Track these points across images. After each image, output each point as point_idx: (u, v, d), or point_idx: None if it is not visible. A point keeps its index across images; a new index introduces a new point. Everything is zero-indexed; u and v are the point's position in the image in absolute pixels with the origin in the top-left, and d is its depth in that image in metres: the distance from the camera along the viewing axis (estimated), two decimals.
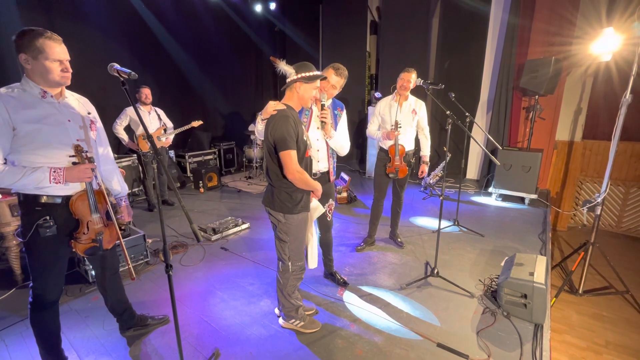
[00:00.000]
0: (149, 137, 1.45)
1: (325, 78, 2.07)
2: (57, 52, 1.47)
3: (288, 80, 1.88)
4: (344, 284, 2.71)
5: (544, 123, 4.86)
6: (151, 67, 5.28)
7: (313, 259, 2.18)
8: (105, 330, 2.18)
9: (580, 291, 3.34)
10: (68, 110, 1.62)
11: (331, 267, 2.77)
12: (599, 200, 3.17)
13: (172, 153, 5.91)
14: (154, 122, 4.19)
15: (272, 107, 1.85)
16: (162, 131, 4.26)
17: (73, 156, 1.59)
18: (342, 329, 2.21)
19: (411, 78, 2.94)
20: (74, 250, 1.68)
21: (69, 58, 1.55)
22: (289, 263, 2.03)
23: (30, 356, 1.97)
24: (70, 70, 1.58)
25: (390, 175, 3.12)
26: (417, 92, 6.33)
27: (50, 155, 1.54)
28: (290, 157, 1.77)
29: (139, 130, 4.15)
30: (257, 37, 7.18)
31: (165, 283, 2.75)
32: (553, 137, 5.04)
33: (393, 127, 2.93)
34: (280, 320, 2.24)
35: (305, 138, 1.90)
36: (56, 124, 1.55)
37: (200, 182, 5.42)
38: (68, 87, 1.69)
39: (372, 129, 3.19)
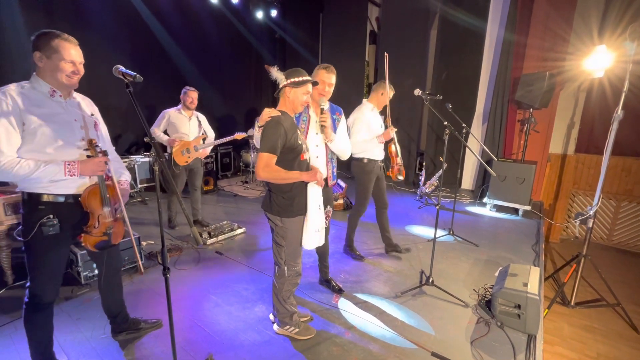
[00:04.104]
0: (151, 139, 1.45)
1: (316, 83, 2.07)
2: (71, 53, 1.53)
3: (279, 87, 1.92)
4: (339, 291, 2.71)
5: (538, 136, 4.95)
6: (152, 70, 5.29)
7: (315, 239, 2.02)
8: (97, 334, 2.15)
9: (572, 303, 3.37)
10: (74, 110, 1.66)
11: (327, 274, 2.77)
12: (591, 213, 3.23)
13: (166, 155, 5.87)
14: (193, 129, 3.75)
15: (267, 114, 1.88)
16: (201, 140, 3.80)
17: (87, 150, 1.63)
18: (337, 336, 2.20)
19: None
20: (83, 244, 1.69)
21: (82, 61, 1.60)
22: (285, 267, 2.03)
23: (20, 357, 1.93)
24: (81, 73, 1.61)
25: (399, 178, 3.10)
26: (415, 101, 6.38)
27: (55, 153, 1.56)
28: (262, 159, 1.80)
29: (176, 137, 3.69)
30: (258, 43, 7.25)
31: (158, 286, 2.72)
32: (547, 149, 5.13)
33: (388, 126, 2.96)
34: (275, 326, 2.23)
35: (300, 142, 1.93)
36: (63, 123, 1.59)
37: None
38: None
39: (361, 138, 2.98)
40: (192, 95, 3.70)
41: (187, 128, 3.73)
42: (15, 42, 3.76)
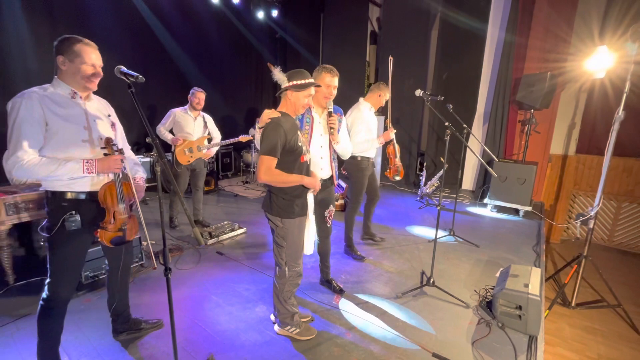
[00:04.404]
0: (153, 138, 1.45)
1: (319, 85, 2.05)
2: (91, 57, 1.63)
3: (281, 88, 1.92)
4: (340, 292, 2.70)
5: (539, 136, 4.95)
6: (153, 70, 5.29)
7: (309, 245, 2.13)
8: (98, 334, 2.15)
9: (573, 304, 3.37)
10: (93, 111, 1.74)
11: (328, 274, 2.77)
12: (592, 214, 3.22)
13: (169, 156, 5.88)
14: (197, 129, 3.78)
15: (267, 115, 1.89)
16: (205, 141, 3.80)
17: (104, 148, 1.70)
18: (338, 336, 2.20)
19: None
20: (100, 239, 1.75)
21: (101, 64, 1.68)
22: (286, 268, 2.03)
23: (20, 358, 1.94)
24: (101, 75, 1.70)
25: (396, 178, 3.28)
26: (416, 102, 6.38)
27: (75, 152, 1.64)
28: (263, 163, 1.82)
29: (179, 136, 3.72)
30: (259, 43, 7.26)
31: (159, 287, 2.72)
32: (547, 150, 5.13)
33: (388, 127, 3.13)
34: (276, 327, 2.23)
35: (300, 144, 1.92)
36: (82, 123, 1.67)
37: None
38: None
39: (362, 138, 3.07)
40: (199, 96, 3.75)
41: (192, 128, 3.76)
42: (16, 42, 3.76)
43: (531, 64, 4.91)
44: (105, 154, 1.70)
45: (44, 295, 1.72)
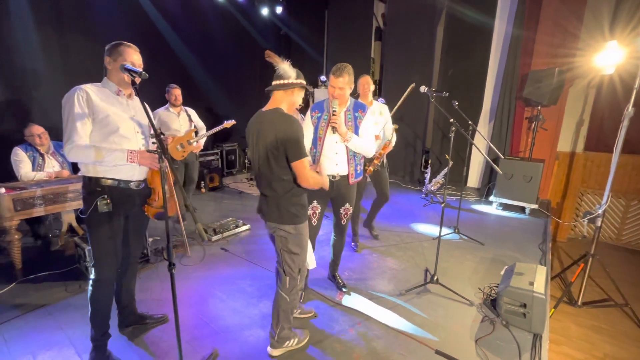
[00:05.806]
0: (156, 135, 1.47)
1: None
2: (133, 57, 1.80)
3: (284, 82, 1.81)
4: (344, 288, 2.71)
5: (546, 133, 4.88)
6: (158, 67, 5.31)
7: (312, 259, 2.10)
8: None
9: (579, 303, 3.33)
10: (134, 108, 1.92)
11: (335, 270, 2.78)
12: (600, 212, 3.18)
13: None
14: (183, 124, 3.88)
15: None
16: (193, 134, 3.86)
17: (153, 144, 1.85)
18: (340, 333, 2.21)
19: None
20: (146, 214, 2.01)
21: (141, 64, 1.83)
22: (298, 276, 1.93)
23: (29, 351, 1.98)
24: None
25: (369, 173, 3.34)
26: (421, 98, 6.33)
27: (118, 142, 1.79)
28: (304, 165, 1.74)
29: (168, 135, 3.75)
30: (263, 40, 7.24)
31: (164, 282, 2.75)
32: (555, 147, 5.06)
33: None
34: (271, 350, 2.00)
35: None
36: (125, 117, 1.84)
37: (202, 182, 5.44)
38: None
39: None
40: (175, 92, 3.84)
41: (178, 124, 3.86)
42: (24, 40, 3.80)
43: (539, 60, 4.82)
44: (148, 151, 1.90)
45: (91, 276, 1.91)
